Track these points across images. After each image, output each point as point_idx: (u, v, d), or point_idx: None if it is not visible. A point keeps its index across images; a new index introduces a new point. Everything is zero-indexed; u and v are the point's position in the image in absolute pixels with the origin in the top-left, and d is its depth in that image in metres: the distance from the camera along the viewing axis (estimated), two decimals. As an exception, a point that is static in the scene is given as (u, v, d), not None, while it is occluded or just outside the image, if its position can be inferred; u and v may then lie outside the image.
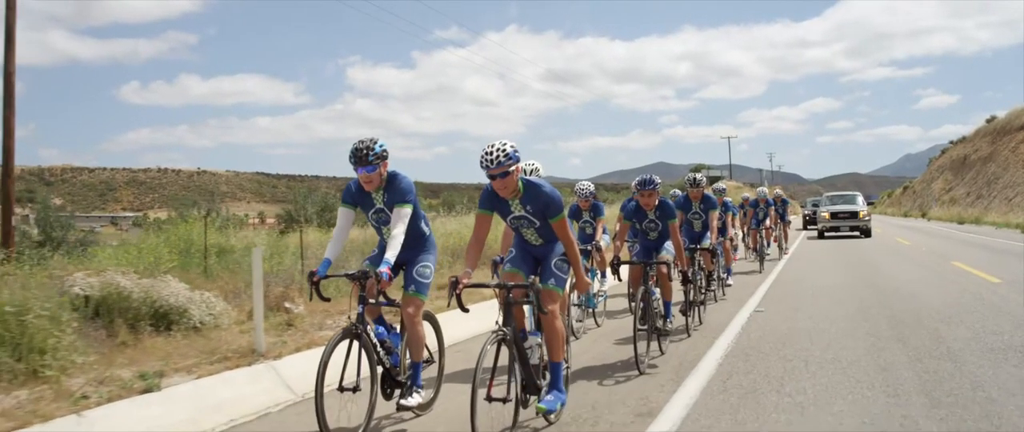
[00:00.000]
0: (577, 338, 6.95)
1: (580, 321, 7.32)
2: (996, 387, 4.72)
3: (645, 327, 5.80)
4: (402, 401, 4.33)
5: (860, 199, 26.81)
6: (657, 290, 6.07)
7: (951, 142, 62.00)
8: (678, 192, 11.58)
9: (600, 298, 8.00)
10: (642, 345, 5.63)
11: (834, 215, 25.30)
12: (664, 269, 6.25)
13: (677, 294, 6.96)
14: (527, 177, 4.24)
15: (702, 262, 8.20)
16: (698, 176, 8.30)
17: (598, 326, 7.73)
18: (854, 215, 24.94)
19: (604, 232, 7.95)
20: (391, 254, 4.14)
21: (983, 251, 17.22)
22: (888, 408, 4.32)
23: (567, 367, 4.47)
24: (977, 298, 8.95)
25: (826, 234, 25.22)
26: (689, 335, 6.90)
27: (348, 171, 4.34)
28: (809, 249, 19.72)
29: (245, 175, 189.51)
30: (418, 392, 4.40)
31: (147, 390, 4.66)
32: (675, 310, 6.72)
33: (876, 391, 4.72)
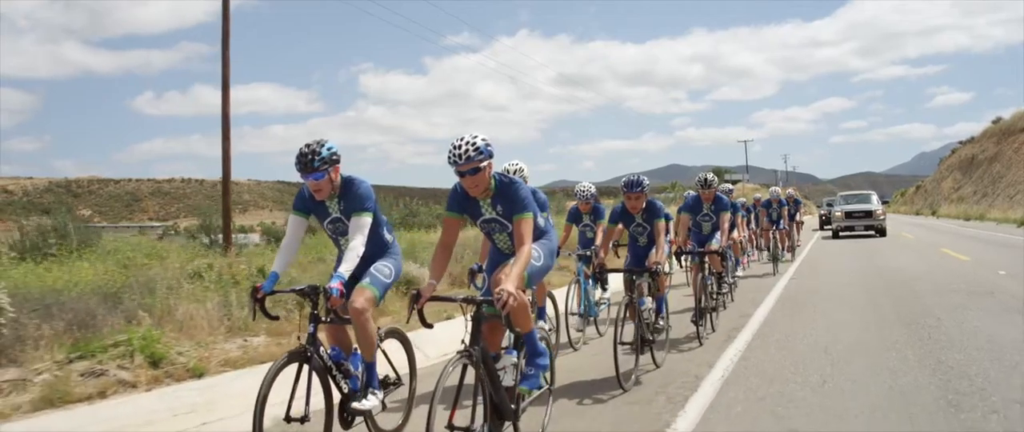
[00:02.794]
0: (576, 349, 6.77)
1: (580, 331, 7.04)
2: (935, 305, 8.58)
3: (628, 343, 5.41)
4: (355, 404, 3.86)
5: (875, 198, 26.53)
6: (648, 299, 5.71)
7: (961, 142, 64.46)
8: (690, 193, 11.25)
9: (602, 306, 7.67)
10: (629, 361, 5.36)
11: (849, 214, 25.11)
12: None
13: (687, 301, 7.66)
14: (505, 175, 3.87)
15: (711, 266, 7.59)
16: (710, 176, 7.79)
17: (600, 335, 7.48)
18: (869, 214, 24.75)
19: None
20: (346, 267, 3.76)
21: (971, 241, 20.81)
22: (871, 308, 8.36)
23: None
24: (945, 269, 12.82)
25: (841, 234, 25.02)
26: (701, 344, 6.69)
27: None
28: (824, 244, 22.10)
29: (266, 184, 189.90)
30: (374, 393, 3.94)
31: (448, 318, 8.25)
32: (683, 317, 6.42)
33: (865, 305, 8.69)
